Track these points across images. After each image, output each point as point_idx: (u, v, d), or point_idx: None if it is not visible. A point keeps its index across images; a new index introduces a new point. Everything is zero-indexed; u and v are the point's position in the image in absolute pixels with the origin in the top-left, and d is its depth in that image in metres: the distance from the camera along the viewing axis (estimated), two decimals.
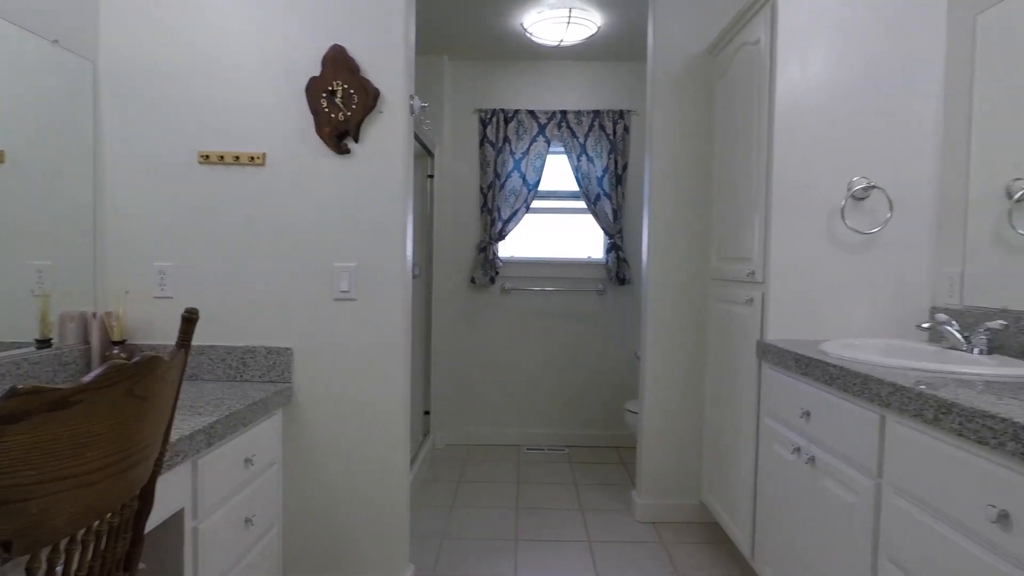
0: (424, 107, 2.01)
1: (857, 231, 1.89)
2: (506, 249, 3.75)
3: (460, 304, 3.70)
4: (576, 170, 3.52)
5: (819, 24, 1.89)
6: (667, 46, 2.54)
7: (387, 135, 1.83)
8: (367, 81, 1.80)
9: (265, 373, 1.85)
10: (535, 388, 3.73)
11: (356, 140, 1.82)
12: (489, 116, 3.53)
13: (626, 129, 3.51)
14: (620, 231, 3.52)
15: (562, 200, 3.73)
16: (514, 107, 3.59)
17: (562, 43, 3.15)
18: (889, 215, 1.88)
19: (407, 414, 1.93)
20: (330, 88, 1.79)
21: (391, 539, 1.90)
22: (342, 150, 1.82)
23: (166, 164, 1.83)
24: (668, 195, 2.57)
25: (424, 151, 3.34)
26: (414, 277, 3.22)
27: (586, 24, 2.99)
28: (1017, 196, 1.65)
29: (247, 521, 1.58)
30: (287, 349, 1.84)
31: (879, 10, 1.89)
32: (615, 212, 3.50)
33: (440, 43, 3.36)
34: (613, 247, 3.51)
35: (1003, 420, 0.95)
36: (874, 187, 1.89)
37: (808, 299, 1.93)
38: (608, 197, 3.50)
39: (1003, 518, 0.96)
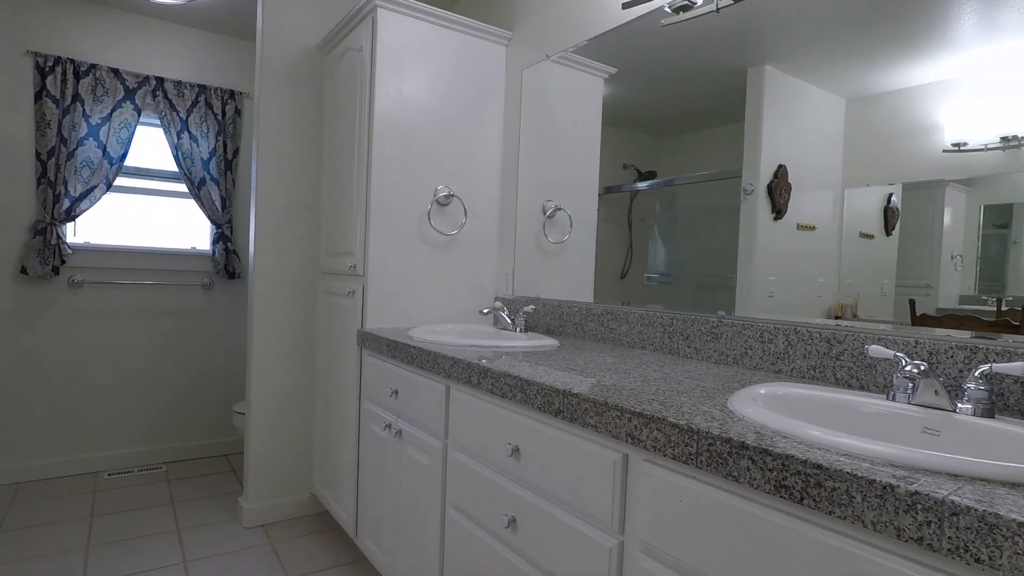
0: None
1: (441, 232, 2.21)
2: (78, 233, 3.05)
3: (1, 301, 2.83)
4: (176, 148, 3.10)
5: (415, 45, 2.13)
6: (278, 33, 2.47)
7: None
8: None
9: None
10: (122, 401, 3.13)
11: None
12: (51, 64, 2.80)
13: (237, 112, 3.27)
14: (230, 221, 3.26)
15: (159, 181, 3.23)
16: (91, 60, 2.94)
17: None
18: (464, 220, 2.26)
19: None
20: None
21: None
22: None
23: None
24: (278, 186, 2.51)
25: None
26: None
27: None
28: (548, 213, 2.18)
29: None
30: None
31: (463, 46, 2.24)
32: (224, 200, 3.22)
33: None
34: (221, 237, 3.23)
35: (515, 377, 1.25)
36: (454, 196, 2.24)
37: (402, 290, 2.16)
38: (216, 183, 3.20)
39: (515, 451, 1.27)
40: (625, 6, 1.67)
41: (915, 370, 0.99)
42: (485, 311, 2.05)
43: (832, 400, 1.07)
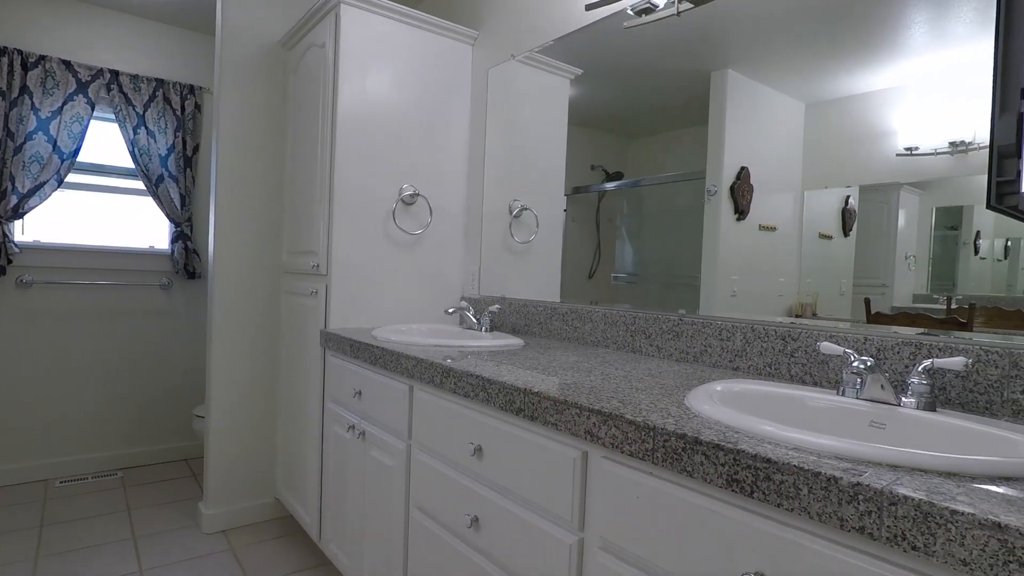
0: None
1: (406, 231, 2.19)
2: (28, 231, 2.93)
3: None
4: (132, 144, 3.00)
5: (379, 43, 2.11)
6: (239, 27, 2.41)
7: None
8: None
9: None
10: (74, 405, 3.02)
11: None
12: None
13: (197, 107, 3.18)
14: (190, 219, 3.17)
15: (115, 178, 3.13)
16: (40, 51, 2.83)
17: None
18: (430, 220, 2.24)
19: None
20: None
21: None
22: None
23: None
24: (239, 184, 2.45)
25: None
26: None
27: None
28: (515, 213, 2.18)
29: None
30: None
31: (429, 45, 2.23)
32: (183, 197, 3.13)
33: None
34: (181, 236, 3.14)
35: (478, 376, 1.25)
36: (419, 195, 2.22)
37: (366, 290, 2.13)
38: (174, 180, 3.11)
39: (478, 451, 1.26)
40: (588, 8, 1.68)
41: (862, 366, 1.02)
42: (451, 311, 2.04)
43: (786, 396, 1.10)
